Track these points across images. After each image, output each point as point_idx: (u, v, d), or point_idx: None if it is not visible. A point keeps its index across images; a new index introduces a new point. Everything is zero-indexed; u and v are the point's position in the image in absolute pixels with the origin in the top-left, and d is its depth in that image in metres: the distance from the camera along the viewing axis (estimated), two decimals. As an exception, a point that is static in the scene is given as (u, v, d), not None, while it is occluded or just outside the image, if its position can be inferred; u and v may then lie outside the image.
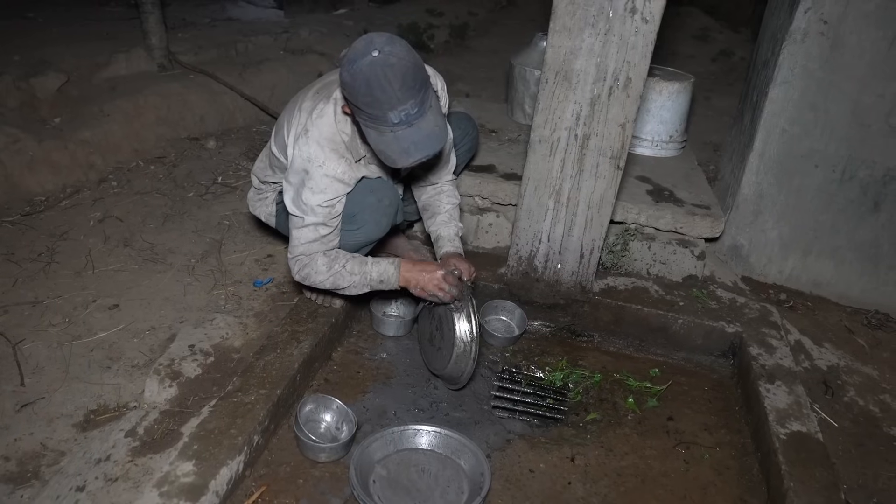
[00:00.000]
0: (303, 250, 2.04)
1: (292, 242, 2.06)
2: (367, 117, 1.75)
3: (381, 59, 1.66)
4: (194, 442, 1.76)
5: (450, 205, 2.39)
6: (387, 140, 1.76)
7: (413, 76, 1.70)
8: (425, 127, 1.76)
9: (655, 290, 2.70)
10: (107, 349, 2.25)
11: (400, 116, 1.71)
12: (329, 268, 2.05)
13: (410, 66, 1.70)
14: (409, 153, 1.77)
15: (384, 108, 1.69)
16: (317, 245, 2.03)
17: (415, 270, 2.08)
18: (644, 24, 2.06)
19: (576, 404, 2.28)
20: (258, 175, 2.42)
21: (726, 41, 7.12)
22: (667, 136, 3.21)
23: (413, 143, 1.76)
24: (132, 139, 3.67)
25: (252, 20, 5.58)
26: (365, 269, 2.07)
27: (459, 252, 2.31)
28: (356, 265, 2.07)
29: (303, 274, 2.08)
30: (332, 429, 2.02)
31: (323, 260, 2.05)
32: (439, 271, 2.07)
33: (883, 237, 2.86)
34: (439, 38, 6.38)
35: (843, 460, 2.16)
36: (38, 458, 1.84)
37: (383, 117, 1.71)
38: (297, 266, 2.08)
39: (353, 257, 2.09)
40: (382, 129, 1.75)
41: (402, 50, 1.71)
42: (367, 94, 1.68)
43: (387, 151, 1.79)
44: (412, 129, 1.74)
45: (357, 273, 2.06)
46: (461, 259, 2.26)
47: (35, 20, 4.78)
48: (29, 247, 2.76)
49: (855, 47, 2.58)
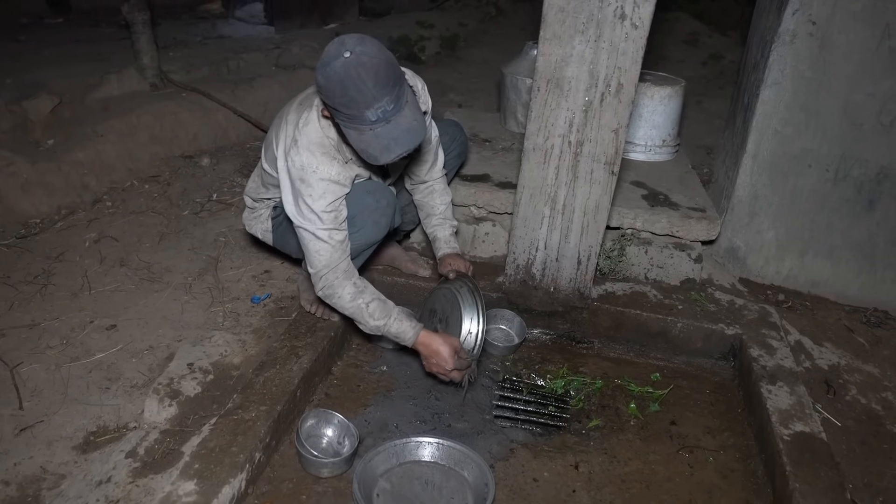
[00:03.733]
0: (325, 263, 2.03)
1: (311, 258, 2.05)
2: (346, 118, 1.76)
3: (354, 59, 1.68)
4: (195, 461, 1.75)
5: (443, 204, 2.46)
6: (367, 138, 1.78)
7: (386, 73, 1.71)
8: (403, 122, 1.77)
9: (654, 295, 2.70)
10: (105, 370, 2.24)
11: (377, 114, 1.72)
12: (353, 299, 2.06)
13: (383, 64, 1.71)
14: (390, 149, 1.79)
15: (360, 106, 1.71)
16: (339, 253, 2.03)
17: (431, 346, 2.10)
18: (634, 29, 2.08)
19: (578, 411, 2.27)
20: (251, 195, 2.42)
21: (716, 45, 7.16)
22: (660, 141, 3.22)
23: (393, 138, 1.77)
24: (126, 159, 3.66)
25: (243, 37, 5.60)
26: (388, 320, 2.08)
27: (457, 252, 2.44)
28: (379, 311, 2.07)
29: (327, 292, 2.07)
30: (334, 443, 2.01)
31: (350, 290, 2.05)
32: (449, 354, 2.09)
33: (878, 235, 2.86)
34: (430, 49, 6.41)
35: (848, 460, 2.15)
36: (39, 481, 1.82)
37: (360, 116, 1.73)
38: (322, 283, 2.06)
39: (380, 300, 2.09)
40: (361, 129, 1.76)
41: (373, 48, 1.72)
42: (343, 94, 1.70)
43: (368, 150, 1.81)
44: (390, 125, 1.75)
45: (378, 319, 2.07)
46: (458, 258, 2.41)
47: (26, 43, 4.79)
48: (25, 269, 2.75)
49: (844, 47, 2.60)
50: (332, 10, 6.60)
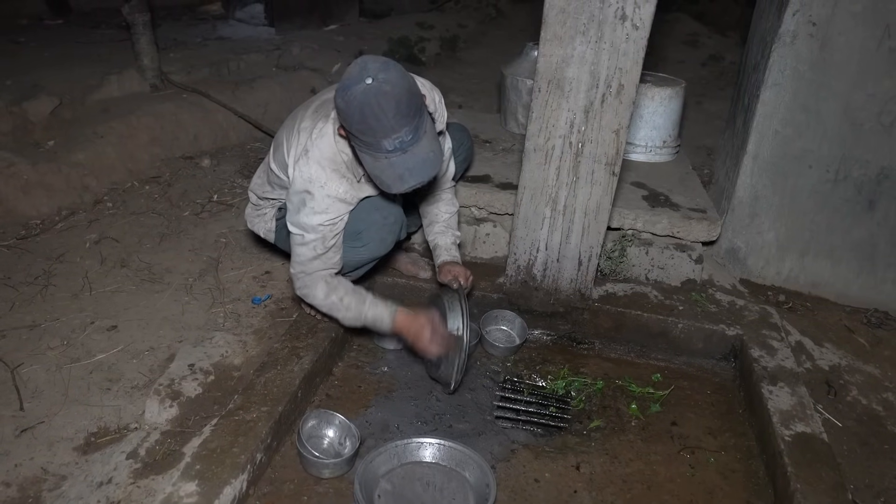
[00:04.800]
0: (303, 268, 2.06)
1: (293, 258, 2.07)
2: (362, 143, 1.74)
3: (375, 87, 1.64)
4: (197, 462, 1.75)
5: (447, 213, 2.43)
6: (381, 166, 1.76)
7: (407, 103, 1.68)
8: (420, 153, 1.75)
9: (654, 296, 2.70)
10: (106, 371, 2.23)
11: (394, 144, 1.70)
12: (326, 296, 2.08)
13: (405, 93, 1.68)
14: (404, 179, 1.77)
15: (378, 135, 1.69)
16: (317, 263, 2.04)
17: (409, 326, 2.12)
18: (635, 30, 2.08)
19: (579, 412, 2.27)
20: (256, 191, 2.42)
21: (715, 46, 7.17)
22: (660, 142, 3.22)
23: (408, 169, 1.75)
24: (126, 160, 3.66)
25: (243, 38, 5.60)
26: (362, 308, 2.10)
27: (456, 260, 2.39)
28: (354, 301, 2.10)
29: (304, 292, 2.12)
30: (336, 444, 2.01)
31: (323, 287, 2.07)
32: (428, 331, 2.10)
33: (879, 236, 2.86)
34: (430, 51, 6.41)
35: (849, 460, 2.15)
36: (40, 483, 1.82)
37: (377, 144, 1.71)
38: (299, 283, 2.11)
39: (354, 291, 2.11)
40: (377, 156, 1.74)
41: (396, 76, 1.68)
42: (361, 121, 1.68)
43: (381, 177, 1.79)
44: (407, 155, 1.73)
45: (353, 309, 2.10)
46: (457, 266, 2.36)
47: (26, 45, 4.79)
48: (25, 270, 2.74)
49: (844, 48, 2.60)
50: (333, 11, 6.60)
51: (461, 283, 2.30)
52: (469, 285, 2.37)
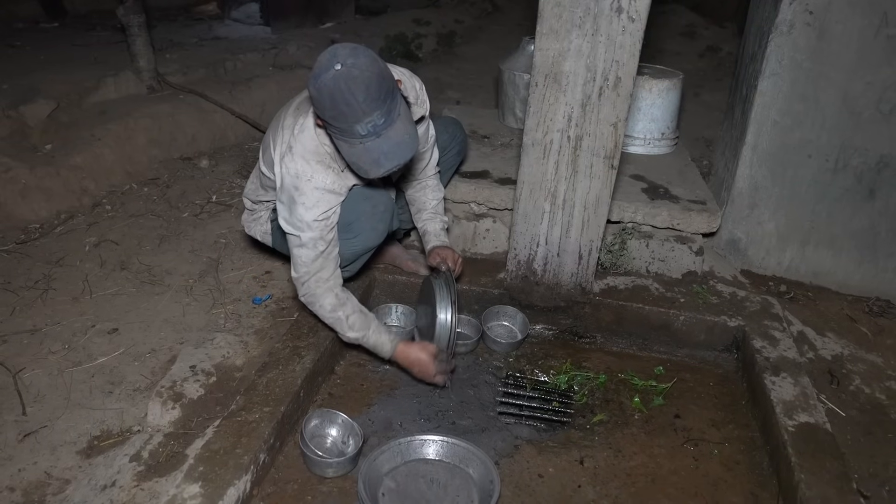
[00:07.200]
0: (307, 270, 2.05)
1: (294, 262, 2.06)
2: (336, 130, 1.75)
3: (344, 73, 1.65)
4: (200, 463, 1.75)
5: (435, 200, 2.47)
6: (357, 152, 1.77)
7: (377, 87, 1.69)
8: (394, 136, 1.75)
9: (655, 288, 2.69)
10: (108, 374, 2.23)
11: (367, 128, 1.70)
12: (333, 309, 2.09)
13: (374, 77, 1.68)
14: (380, 163, 1.77)
15: (350, 121, 1.69)
16: (320, 262, 2.03)
17: (410, 357, 2.17)
18: (631, 22, 2.07)
19: (582, 406, 2.27)
20: (250, 197, 2.42)
21: (712, 37, 7.15)
22: (659, 134, 3.22)
23: (383, 153, 1.76)
24: (124, 162, 3.66)
25: (239, 38, 5.58)
26: (366, 331, 2.13)
27: (446, 244, 2.43)
28: (359, 322, 2.12)
29: (309, 300, 2.11)
30: (339, 443, 2.01)
31: (331, 300, 2.08)
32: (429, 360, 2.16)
33: (879, 224, 2.86)
34: (427, 46, 6.40)
35: (853, 449, 2.14)
36: (44, 487, 1.82)
37: (350, 130, 1.71)
38: (304, 290, 2.09)
39: (360, 313, 2.13)
40: (352, 142, 1.75)
41: (365, 61, 1.69)
42: (333, 107, 1.69)
43: (358, 163, 1.80)
44: (381, 139, 1.74)
45: (358, 331, 2.12)
46: (446, 249, 2.39)
47: (22, 48, 4.78)
48: (25, 275, 2.74)
49: (841, 36, 2.59)
50: (329, 9, 6.57)
51: (449, 265, 2.33)
52: (458, 268, 2.40)
